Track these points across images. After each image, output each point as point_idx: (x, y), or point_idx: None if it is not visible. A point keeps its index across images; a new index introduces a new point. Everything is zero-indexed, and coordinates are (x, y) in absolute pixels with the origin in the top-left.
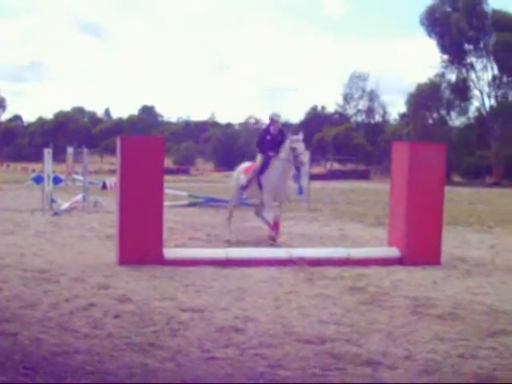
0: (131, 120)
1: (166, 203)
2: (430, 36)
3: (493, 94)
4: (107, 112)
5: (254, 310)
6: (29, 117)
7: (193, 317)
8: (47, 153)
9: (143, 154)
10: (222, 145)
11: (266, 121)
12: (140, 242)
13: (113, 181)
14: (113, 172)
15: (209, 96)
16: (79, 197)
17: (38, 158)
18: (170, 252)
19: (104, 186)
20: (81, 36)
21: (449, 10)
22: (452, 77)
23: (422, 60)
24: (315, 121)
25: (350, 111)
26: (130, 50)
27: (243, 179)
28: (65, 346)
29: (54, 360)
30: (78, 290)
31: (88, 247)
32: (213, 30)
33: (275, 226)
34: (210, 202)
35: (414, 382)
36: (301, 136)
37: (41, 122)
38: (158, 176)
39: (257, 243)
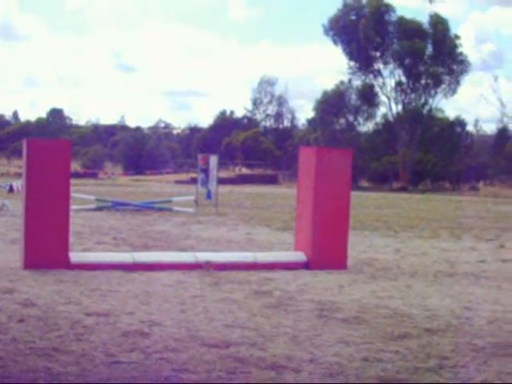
0: (39, 123)
1: (72, 207)
2: (335, 44)
3: (400, 100)
4: (15, 114)
5: (159, 314)
6: None
7: (98, 321)
8: None
9: (49, 157)
10: (131, 148)
11: (176, 125)
12: (46, 245)
13: (20, 184)
14: (20, 175)
15: (118, 99)
16: None
17: None
18: (76, 256)
19: (11, 189)
20: None
21: (354, 17)
22: (359, 83)
23: (330, 66)
24: (224, 125)
25: (259, 116)
26: (38, 51)
27: None
28: None
29: None
30: None
31: None
32: (116, 31)
33: None
34: (118, 206)
35: None
36: None
37: None
38: (64, 179)
39: (164, 247)
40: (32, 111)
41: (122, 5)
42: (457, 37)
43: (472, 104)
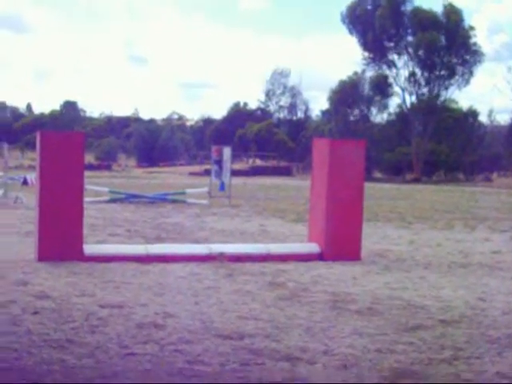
0: (53, 115)
1: (86, 199)
2: (351, 33)
3: (413, 91)
4: (29, 107)
5: (173, 306)
6: None
7: (112, 313)
8: None
9: (63, 149)
10: (145, 140)
11: (189, 117)
12: (60, 238)
13: (34, 177)
14: (34, 168)
15: (131, 92)
16: None
17: None
18: (90, 248)
19: (25, 182)
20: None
21: (369, 7)
22: (373, 74)
23: (344, 56)
24: (238, 117)
25: (273, 107)
26: (51, 44)
27: None
28: None
29: None
30: None
31: (7, 243)
32: (129, 23)
33: None
34: (131, 198)
35: (332, 376)
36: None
37: None
38: (78, 172)
39: (178, 239)
40: (46, 103)
41: None
42: (471, 28)
43: (486, 95)
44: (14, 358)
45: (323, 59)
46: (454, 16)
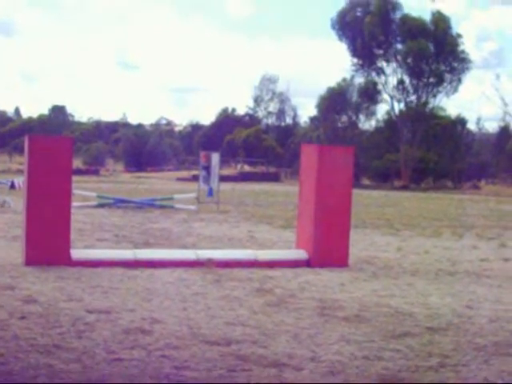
0: (41, 119)
1: (74, 204)
2: (340, 40)
3: (402, 98)
4: (17, 111)
5: (160, 312)
6: None
7: (99, 318)
8: None
9: (51, 153)
10: (133, 145)
11: (178, 122)
12: (47, 242)
13: (21, 181)
14: (21, 172)
15: (120, 96)
16: None
17: None
18: (77, 253)
19: (12, 186)
20: None
21: (359, 14)
22: (362, 80)
23: (333, 63)
24: (226, 123)
25: (261, 113)
26: (40, 48)
27: None
28: None
29: None
30: None
31: None
32: (118, 28)
33: None
34: (119, 203)
35: (319, 382)
36: None
37: None
38: (66, 176)
39: (166, 244)
40: (34, 107)
41: (123, 1)
42: (458, 35)
43: (474, 102)
44: (0, 363)
45: (312, 65)
46: (441, 24)
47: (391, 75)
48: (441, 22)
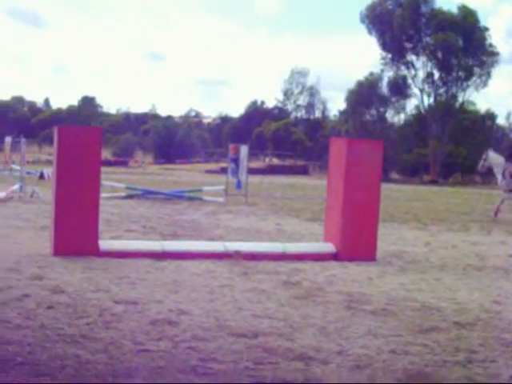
0: (71, 110)
1: (102, 195)
2: (370, 33)
3: (431, 92)
4: (47, 102)
5: (187, 303)
6: None
7: (126, 309)
8: None
9: (80, 144)
10: (162, 137)
11: (207, 114)
12: (75, 233)
13: (50, 171)
14: (51, 162)
15: (148, 88)
16: (16, 187)
17: None
18: (105, 244)
19: (41, 176)
20: (18, 25)
21: (390, 7)
22: (391, 74)
23: (363, 57)
24: (255, 115)
25: (290, 107)
26: (69, 40)
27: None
28: None
29: None
30: (12, 280)
31: (23, 238)
32: (147, 20)
33: None
34: (147, 195)
35: (345, 376)
36: None
37: None
38: (94, 167)
39: (193, 236)
40: (63, 98)
41: None
42: (486, 28)
43: (504, 97)
44: (27, 353)
45: (342, 59)
46: (469, 17)
47: (420, 69)
48: (468, 15)
